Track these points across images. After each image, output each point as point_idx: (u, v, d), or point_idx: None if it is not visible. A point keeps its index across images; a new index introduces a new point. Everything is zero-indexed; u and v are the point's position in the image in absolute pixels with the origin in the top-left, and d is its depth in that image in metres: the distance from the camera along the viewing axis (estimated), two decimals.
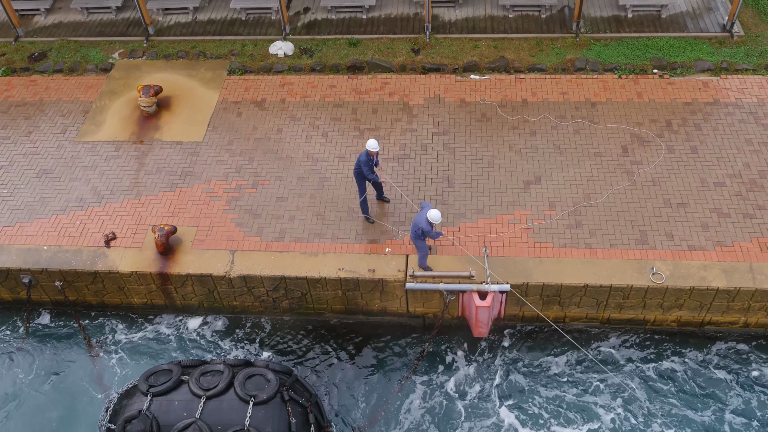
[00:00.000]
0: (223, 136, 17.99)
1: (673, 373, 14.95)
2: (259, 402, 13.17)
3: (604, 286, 14.37)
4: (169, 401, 13.33)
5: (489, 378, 15.20)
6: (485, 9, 20.78)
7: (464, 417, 14.68)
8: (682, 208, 15.49)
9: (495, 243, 15.22)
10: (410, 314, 15.77)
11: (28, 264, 15.74)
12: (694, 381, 14.79)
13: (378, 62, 19.30)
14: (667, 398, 14.61)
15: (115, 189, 17.05)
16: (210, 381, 13.46)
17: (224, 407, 13.15)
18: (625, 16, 20.07)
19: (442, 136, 17.44)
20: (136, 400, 13.54)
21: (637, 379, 14.92)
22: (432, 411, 14.85)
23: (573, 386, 14.93)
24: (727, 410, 14.34)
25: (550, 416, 14.56)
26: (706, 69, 18.34)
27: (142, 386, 13.59)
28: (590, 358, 15.13)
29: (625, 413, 14.46)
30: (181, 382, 13.62)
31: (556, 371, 15.21)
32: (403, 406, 14.95)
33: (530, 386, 15.01)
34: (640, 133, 17.02)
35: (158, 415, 13.15)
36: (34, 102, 19.47)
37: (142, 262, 15.54)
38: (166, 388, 13.46)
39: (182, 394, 13.40)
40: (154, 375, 13.79)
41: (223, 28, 21.14)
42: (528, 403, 14.79)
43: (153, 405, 13.28)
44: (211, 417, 13.04)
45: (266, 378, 13.51)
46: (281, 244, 15.59)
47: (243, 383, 13.39)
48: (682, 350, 15.24)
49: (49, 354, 16.20)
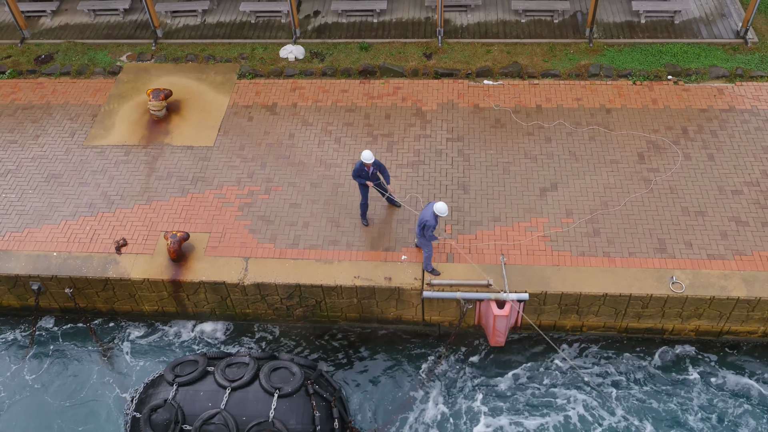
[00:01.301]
0: (234, 140, 17.78)
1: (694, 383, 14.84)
2: (284, 395, 13.27)
3: (624, 295, 14.23)
4: (195, 391, 13.47)
5: (504, 386, 15.02)
6: (497, 14, 20.63)
7: (479, 423, 14.50)
8: (700, 217, 15.36)
9: (512, 251, 15.05)
10: (425, 322, 15.59)
11: (38, 270, 15.50)
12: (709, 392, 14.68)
13: (390, 67, 19.13)
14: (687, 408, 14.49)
15: (125, 194, 16.83)
16: (235, 373, 13.60)
17: (249, 399, 13.26)
18: (638, 22, 19.95)
19: (456, 142, 17.27)
20: (162, 390, 13.67)
21: (654, 390, 14.79)
22: (447, 417, 14.67)
23: (592, 395, 14.77)
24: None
25: (570, 423, 14.39)
26: (720, 75, 18.23)
27: (168, 376, 13.71)
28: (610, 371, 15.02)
29: (643, 422, 14.33)
30: (206, 373, 13.78)
31: (571, 380, 15.06)
32: (419, 411, 14.76)
33: (545, 394, 14.84)
34: (656, 140, 16.89)
35: (183, 404, 13.32)
36: (41, 105, 19.22)
37: (154, 269, 15.32)
38: (192, 379, 13.60)
39: (208, 384, 13.55)
40: (180, 365, 13.94)
41: (232, 31, 20.94)
42: (545, 410, 14.62)
43: (179, 394, 13.43)
44: (235, 408, 13.18)
45: (291, 371, 13.60)
46: (295, 251, 15.39)
47: (268, 376, 13.50)
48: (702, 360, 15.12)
49: (58, 357, 15.99)
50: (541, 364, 15.31)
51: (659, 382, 14.88)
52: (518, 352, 15.54)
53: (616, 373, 15.04)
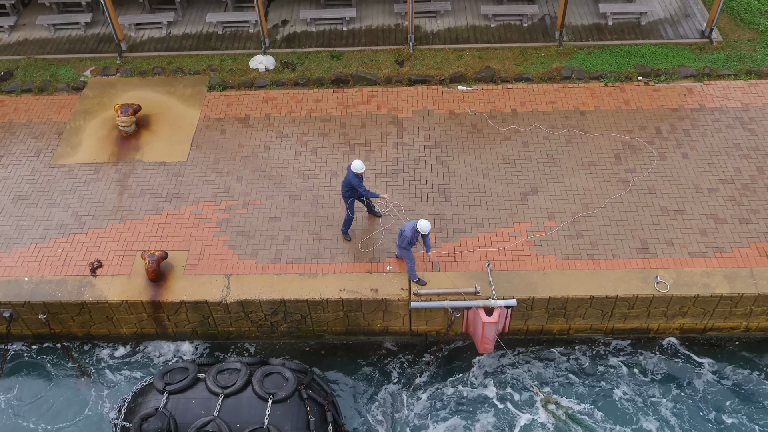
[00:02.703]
0: (208, 155, 17.40)
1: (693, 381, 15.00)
2: (278, 400, 13.09)
3: (610, 297, 14.30)
4: (187, 399, 13.20)
5: (492, 392, 14.95)
6: (467, 19, 20.64)
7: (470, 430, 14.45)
8: (680, 215, 15.54)
9: (497, 257, 15.01)
10: (413, 333, 15.44)
11: (9, 297, 14.90)
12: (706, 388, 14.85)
13: (363, 75, 18.96)
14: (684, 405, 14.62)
15: (97, 214, 16.31)
16: (227, 379, 13.36)
17: (243, 405, 13.05)
18: (605, 24, 20.17)
19: (434, 149, 17.19)
20: (152, 398, 13.33)
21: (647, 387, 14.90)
22: (436, 424, 14.55)
23: (582, 393, 14.80)
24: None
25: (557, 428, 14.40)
26: (689, 75, 18.52)
27: (158, 384, 13.38)
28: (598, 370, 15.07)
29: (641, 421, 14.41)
30: (197, 380, 13.47)
31: (562, 380, 15.07)
32: (408, 420, 14.61)
33: (536, 398, 14.83)
34: (631, 141, 17.05)
35: (175, 412, 13.05)
36: (3, 124, 18.54)
37: (132, 291, 14.85)
38: (183, 386, 13.32)
39: (199, 391, 13.28)
40: (169, 373, 13.62)
41: (199, 42, 20.53)
42: (534, 413, 14.60)
43: (170, 403, 13.12)
44: (229, 415, 12.95)
45: (284, 376, 13.42)
46: (278, 266, 15.10)
47: (261, 381, 13.29)
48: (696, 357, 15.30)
49: (33, 380, 15.49)
50: (533, 369, 15.30)
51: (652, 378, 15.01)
52: (506, 360, 15.49)
53: (604, 374, 15.12)
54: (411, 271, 14.41)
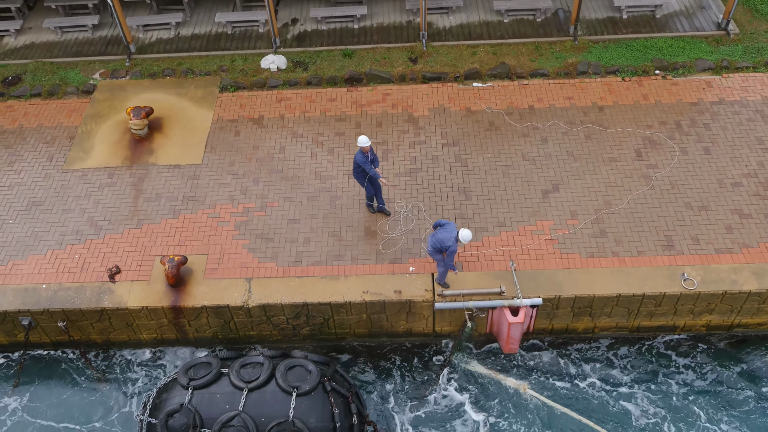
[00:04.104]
0: (222, 157, 17.18)
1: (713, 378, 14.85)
2: (302, 393, 13.03)
3: (637, 295, 14.12)
4: (211, 394, 13.16)
5: (512, 389, 14.81)
6: (479, 14, 20.42)
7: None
8: (704, 211, 15.36)
9: (521, 256, 14.83)
10: (436, 334, 15.27)
11: (27, 305, 14.69)
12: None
13: (377, 73, 18.74)
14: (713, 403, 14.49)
15: (113, 219, 16.10)
16: (251, 373, 13.30)
17: (267, 399, 13.00)
18: (620, 18, 19.96)
19: (452, 147, 16.98)
20: (177, 394, 13.28)
21: (677, 386, 14.75)
22: (457, 417, 14.42)
23: (601, 393, 14.65)
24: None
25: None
26: (707, 68, 18.33)
27: (182, 379, 13.33)
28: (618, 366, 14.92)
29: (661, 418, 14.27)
30: (221, 375, 13.40)
31: (585, 383, 14.91)
32: (428, 413, 14.47)
33: (558, 399, 14.68)
34: (651, 136, 16.86)
35: (200, 408, 13.01)
36: (14, 129, 18.30)
37: (152, 296, 14.66)
38: (207, 381, 13.27)
39: (223, 386, 13.24)
40: (193, 368, 13.56)
41: (208, 43, 20.29)
42: (554, 416, 14.45)
43: (194, 398, 13.07)
44: (254, 409, 12.90)
45: (307, 369, 13.37)
46: (299, 269, 14.91)
47: (284, 375, 13.23)
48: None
49: (55, 387, 15.37)
50: (554, 369, 15.14)
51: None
52: (531, 360, 15.33)
53: (633, 372, 14.98)
54: (442, 276, 14.16)
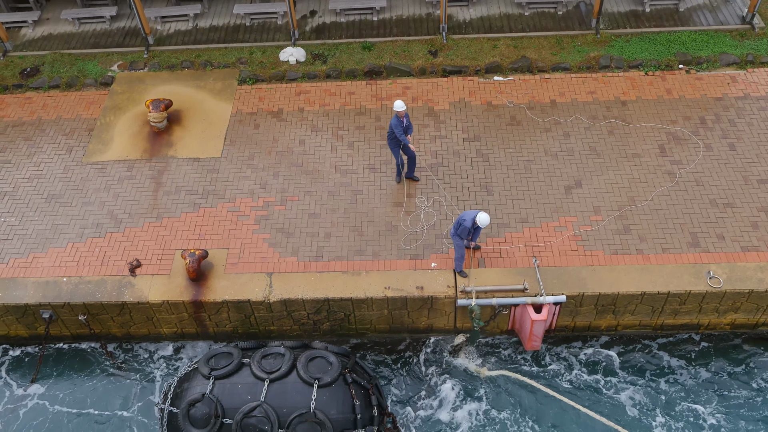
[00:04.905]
0: (242, 150, 17.09)
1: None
2: (324, 384, 12.99)
3: (662, 293, 13.98)
4: (233, 384, 13.13)
5: (535, 383, 14.72)
6: (500, 7, 20.21)
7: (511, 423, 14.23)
8: (729, 208, 15.18)
9: (544, 252, 14.70)
10: (457, 330, 15.18)
11: (48, 298, 14.68)
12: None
13: (396, 66, 18.59)
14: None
15: (133, 212, 16.05)
16: (272, 364, 13.26)
17: (288, 390, 12.97)
18: (642, 11, 19.71)
19: (473, 141, 16.83)
20: (198, 384, 13.25)
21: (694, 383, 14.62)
22: (478, 412, 14.35)
23: (626, 392, 14.55)
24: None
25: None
26: (731, 63, 18.08)
27: (203, 369, 13.29)
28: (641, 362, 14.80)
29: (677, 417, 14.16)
30: (242, 365, 13.37)
31: (604, 380, 14.80)
32: (449, 405, 14.43)
33: (581, 395, 14.59)
34: (675, 132, 16.66)
35: (222, 398, 12.99)
36: (32, 121, 18.27)
37: (173, 291, 14.61)
38: (229, 371, 13.22)
39: (244, 376, 13.22)
40: (214, 358, 13.51)
41: (227, 34, 20.17)
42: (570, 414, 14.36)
43: (216, 388, 13.07)
44: (275, 400, 12.88)
45: (328, 360, 13.32)
46: (320, 264, 14.83)
47: (306, 366, 13.19)
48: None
49: (76, 380, 15.38)
50: (576, 365, 15.03)
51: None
52: (553, 356, 15.22)
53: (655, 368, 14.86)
54: (458, 261, 14.14)
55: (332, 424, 12.72)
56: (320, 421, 12.71)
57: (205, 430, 12.81)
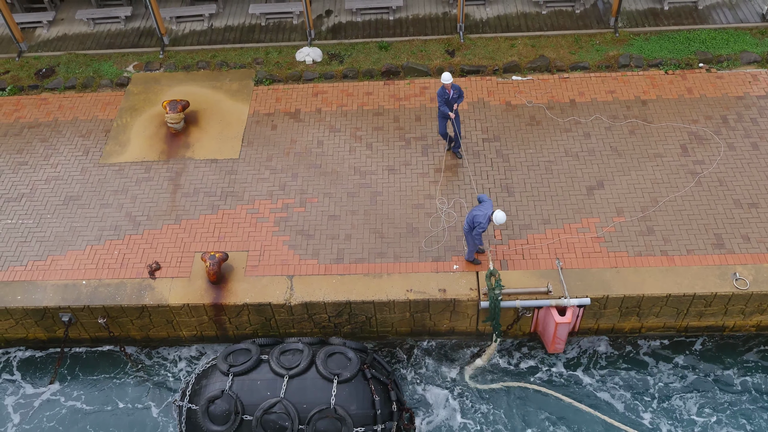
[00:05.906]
0: (260, 151, 16.99)
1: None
2: (343, 380, 12.97)
3: (687, 295, 13.83)
4: (252, 380, 13.12)
5: (553, 386, 14.61)
6: (517, 6, 20.06)
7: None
8: (754, 209, 15.02)
9: (567, 254, 14.57)
10: (479, 332, 15.06)
11: (68, 301, 14.61)
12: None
13: (414, 66, 18.45)
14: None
15: (151, 214, 15.97)
16: (291, 360, 13.23)
17: (308, 386, 12.96)
18: (661, 9, 19.53)
19: (492, 142, 16.70)
20: (217, 380, 13.23)
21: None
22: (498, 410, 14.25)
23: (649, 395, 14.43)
24: None
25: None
26: (752, 61, 17.91)
27: (221, 366, 13.27)
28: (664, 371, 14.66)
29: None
30: (260, 361, 13.34)
31: (637, 384, 14.69)
32: (467, 404, 14.31)
33: (615, 399, 14.46)
34: (697, 131, 16.50)
35: (241, 394, 12.96)
36: (49, 122, 18.20)
37: (193, 294, 14.53)
38: (247, 368, 13.20)
39: (263, 373, 13.20)
40: (232, 354, 13.49)
41: (242, 35, 20.06)
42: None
43: (235, 384, 13.03)
44: (295, 396, 12.86)
45: (347, 356, 13.31)
46: (341, 266, 14.72)
47: (325, 362, 13.17)
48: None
49: (96, 382, 15.34)
50: (602, 368, 14.90)
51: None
52: (576, 359, 15.10)
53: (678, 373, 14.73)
54: (470, 253, 14.11)
55: (352, 419, 12.70)
56: (340, 417, 12.67)
57: (225, 427, 12.78)
